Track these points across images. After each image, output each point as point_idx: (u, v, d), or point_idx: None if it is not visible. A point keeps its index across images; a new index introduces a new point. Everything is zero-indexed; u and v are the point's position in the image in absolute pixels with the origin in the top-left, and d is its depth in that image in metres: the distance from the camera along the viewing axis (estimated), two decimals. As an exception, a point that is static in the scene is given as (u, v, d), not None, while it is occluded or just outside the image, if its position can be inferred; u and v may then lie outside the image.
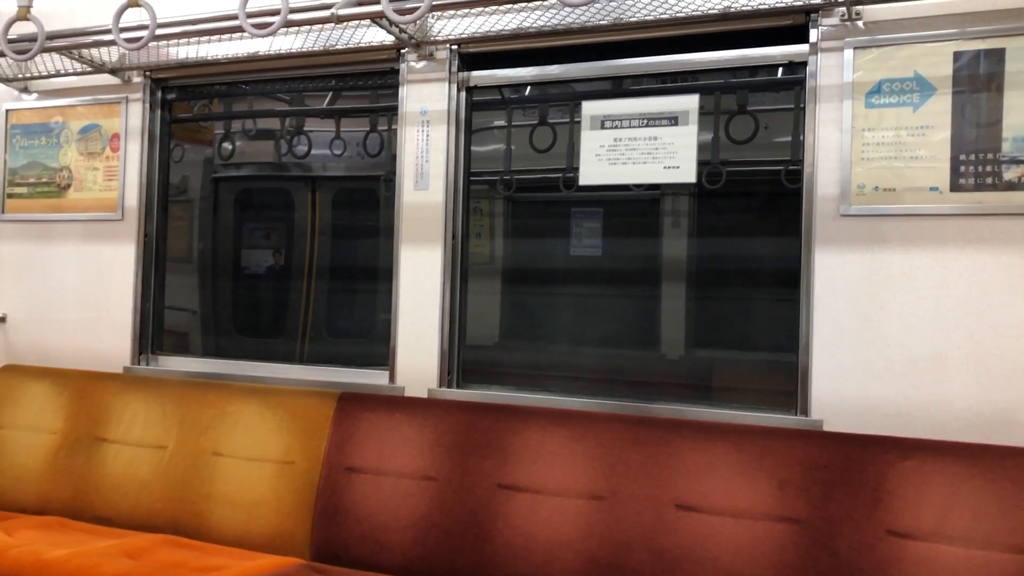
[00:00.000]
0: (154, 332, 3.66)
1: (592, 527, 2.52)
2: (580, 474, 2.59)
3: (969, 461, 2.25)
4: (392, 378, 3.14)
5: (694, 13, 2.68)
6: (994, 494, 2.20)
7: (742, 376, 2.97)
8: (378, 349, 3.24)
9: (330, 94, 3.57)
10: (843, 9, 2.56)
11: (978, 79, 2.44)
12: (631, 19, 2.77)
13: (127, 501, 3.12)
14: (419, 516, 2.72)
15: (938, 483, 2.25)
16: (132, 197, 3.62)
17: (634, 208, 3.13)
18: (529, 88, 3.19)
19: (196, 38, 3.14)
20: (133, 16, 2.80)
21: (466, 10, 2.87)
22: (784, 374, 2.71)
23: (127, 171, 3.63)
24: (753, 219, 2.98)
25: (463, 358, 3.15)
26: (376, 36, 3.10)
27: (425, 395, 3.05)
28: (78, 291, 3.71)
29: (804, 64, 2.67)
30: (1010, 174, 2.39)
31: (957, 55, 2.46)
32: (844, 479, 2.33)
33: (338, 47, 3.17)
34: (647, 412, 2.76)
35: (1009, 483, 2.20)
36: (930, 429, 2.44)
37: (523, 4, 2.76)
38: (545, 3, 2.75)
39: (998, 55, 2.42)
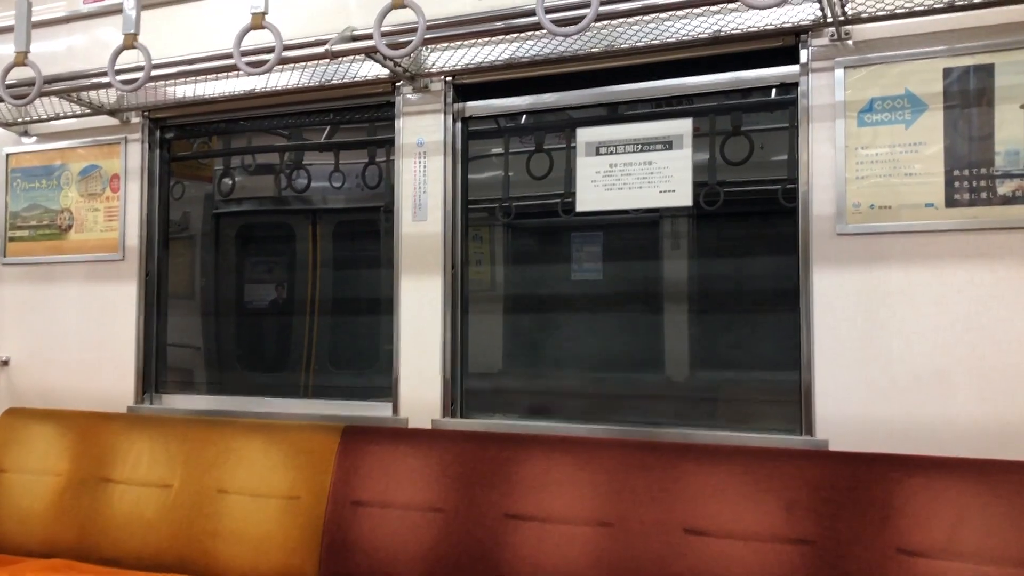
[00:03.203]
0: (157, 371, 3.67)
1: (601, 554, 2.50)
2: (587, 501, 2.58)
3: (977, 477, 2.24)
4: (395, 410, 3.13)
5: (685, 38, 2.71)
6: (1003, 509, 2.19)
7: (748, 396, 2.96)
8: (383, 380, 3.24)
9: (328, 128, 3.60)
10: (832, 29, 2.58)
11: (968, 95, 2.45)
12: (622, 45, 2.79)
13: (134, 541, 3.11)
14: (427, 548, 2.70)
15: (946, 500, 2.24)
16: (133, 236, 3.64)
17: (634, 231, 3.13)
18: (524, 116, 3.21)
19: (193, 77, 3.16)
20: (130, 58, 2.82)
21: (459, 42, 2.89)
22: (789, 393, 2.70)
23: (127, 211, 3.65)
24: (753, 238, 2.99)
25: (467, 387, 3.15)
26: (371, 70, 3.12)
27: (429, 426, 3.05)
28: (81, 332, 3.72)
29: (796, 84, 2.69)
30: (1004, 188, 2.40)
31: (947, 71, 2.48)
32: (852, 498, 2.31)
33: (334, 82, 3.19)
34: (652, 436, 2.75)
35: (1018, 497, 2.19)
36: (936, 446, 2.43)
37: (515, 34, 2.79)
38: (537, 33, 2.77)
39: (987, 70, 2.43)
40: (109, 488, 3.23)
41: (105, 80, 2.94)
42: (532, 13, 2.33)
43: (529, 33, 2.79)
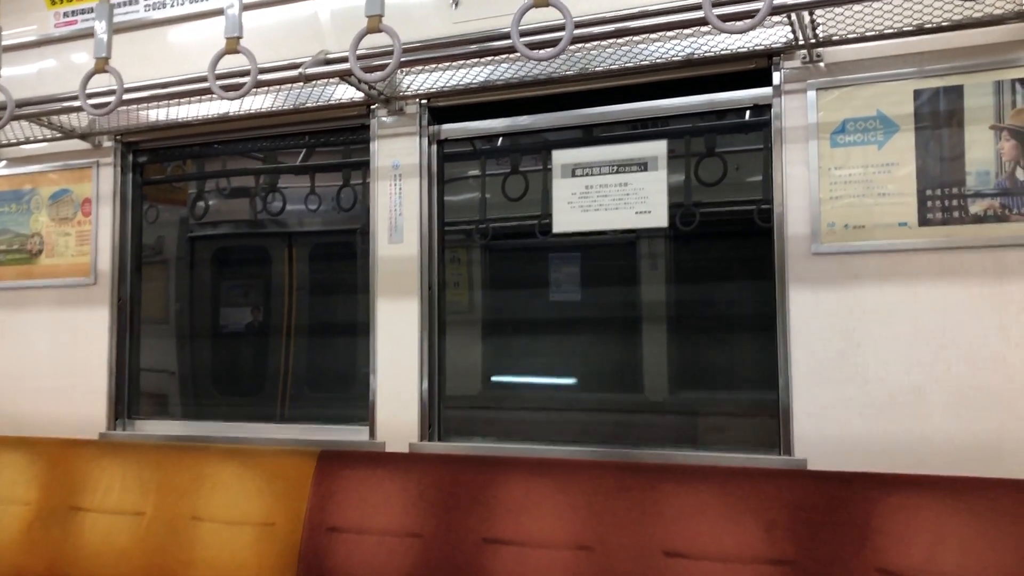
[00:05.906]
0: (130, 396, 3.61)
1: (580, 578, 2.48)
2: (566, 524, 2.55)
3: (954, 495, 2.25)
4: (372, 434, 3.10)
5: (658, 60, 2.73)
6: (981, 527, 2.19)
7: (726, 416, 2.96)
8: (360, 403, 3.21)
9: (303, 150, 3.58)
10: (804, 52, 2.61)
11: (939, 116, 2.48)
12: (597, 68, 2.80)
13: (105, 571, 3.05)
14: (404, 574, 2.66)
15: (925, 518, 2.24)
16: (105, 261, 3.60)
17: (611, 252, 3.14)
18: (500, 138, 3.21)
19: (166, 101, 3.14)
20: (102, 81, 2.80)
21: (434, 65, 2.89)
22: (766, 413, 2.70)
23: (99, 235, 3.61)
24: (729, 258, 3.00)
25: (444, 410, 3.13)
26: (346, 93, 3.12)
27: (406, 450, 3.02)
28: (52, 358, 3.66)
29: (769, 106, 2.71)
30: (976, 207, 2.42)
31: (917, 93, 2.51)
32: (831, 518, 2.31)
33: (309, 105, 3.19)
34: (631, 458, 2.74)
35: (995, 515, 2.19)
36: (913, 464, 2.43)
37: (490, 58, 2.80)
38: (512, 56, 2.78)
39: (957, 92, 2.46)
40: (80, 517, 3.17)
41: (76, 104, 2.91)
42: (507, 37, 2.34)
43: (504, 56, 2.79)
